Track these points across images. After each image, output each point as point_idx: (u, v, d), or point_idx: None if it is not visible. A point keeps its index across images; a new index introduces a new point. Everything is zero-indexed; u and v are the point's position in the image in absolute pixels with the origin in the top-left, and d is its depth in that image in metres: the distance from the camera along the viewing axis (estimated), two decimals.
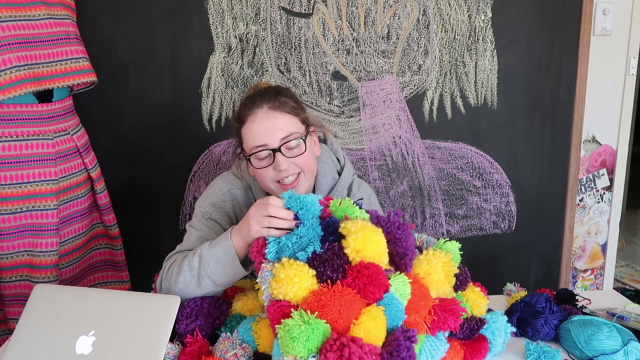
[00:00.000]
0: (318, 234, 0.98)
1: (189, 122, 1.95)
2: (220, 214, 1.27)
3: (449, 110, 2.05)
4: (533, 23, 2.02)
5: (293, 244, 0.97)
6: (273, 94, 1.22)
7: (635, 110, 2.34)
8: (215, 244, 1.09)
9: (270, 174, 1.20)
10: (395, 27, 1.97)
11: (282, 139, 1.18)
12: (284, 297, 0.92)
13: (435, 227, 2.13)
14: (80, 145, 1.72)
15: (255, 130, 1.19)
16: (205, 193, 1.30)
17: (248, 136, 1.20)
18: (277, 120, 1.19)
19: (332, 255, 0.94)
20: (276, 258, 0.97)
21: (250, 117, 1.20)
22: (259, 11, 1.91)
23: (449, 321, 1.01)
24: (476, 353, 1.07)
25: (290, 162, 1.19)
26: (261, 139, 1.18)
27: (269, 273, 0.95)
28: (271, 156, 1.19)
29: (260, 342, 1.01)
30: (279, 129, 1.18)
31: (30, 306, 1.06)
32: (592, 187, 2.24)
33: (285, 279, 0.92)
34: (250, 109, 1.20)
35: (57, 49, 1.59)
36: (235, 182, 1.30)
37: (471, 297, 1.16)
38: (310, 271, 0.93)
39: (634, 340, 1.09)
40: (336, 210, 1.03)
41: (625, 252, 3.01)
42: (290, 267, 0.93)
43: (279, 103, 1.20)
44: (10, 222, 1.60)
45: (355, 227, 0.96)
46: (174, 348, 1.02)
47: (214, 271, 1.08)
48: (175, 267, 1.14)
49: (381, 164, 2.07)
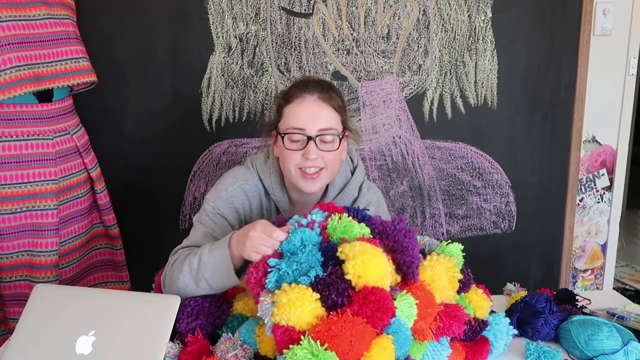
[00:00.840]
0: (318, 260, 0.96)
1: (189, 122, 1.95)
2: (229, 210, 1.27)
3: (449, 110, 2.05)
4: (533, 23, 2.02)
5: (293, 270, 0.94)
6: (326, 87, 1.25)
7: (635, 110, 2.34)
8: (215, 248, 1.09)
9: (296, 159, 1.21)
10: (395, 27, 1.97)
11: (320, 130, 1.20)
12: (287, 323, 0.89)
13: (435, 227, 2.13)
14: (80, 145, 1.72)
15: (300, 112, 1.21)
16: (215, 188, 1.30)
17: (290, 116, 1.22)
18: (322, 111, 1.21)
19: (336, 279, 0.92)
20: (276, 287, 0.94)
21: (299, 99, 1.22)
22: (259, 11, 1.91)
23: (453, 327, 1.01)
24: (477, 355, 1.07)
25: (320, 154, 1.21)
26: (302, 123, 1.20)
27: (270, 305, 0.92)
28: (304, 142, 1.20)
29: (261, 345, 1.00)
30: (321, 119, 1.21)
31: (30, 306, 1.06)
32: (592, 187, 2.24)
33: (287, 304, 0.89)
34: (301, 91, 1.22)
35: (57, 49, 1.59)
36: (246, 177, 1.30)
37: (474, 299, 1.15)
38: (313, 294, 0.91)
39: (634, 340, 1.09)
40: (334, 232, 1.01)
41: (625, 252, 3.01)
42: (292, 291, 0.90)
43: (329, 96, 1.23)
44: (10, 222, 1.60)
45: (353, 252, 0.93)
46: (175, 347, 1.03)
47: (210, 276, 1.09)
48: (177, 264, 1.14)
49: (381, 164, 2.07)
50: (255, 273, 0.97)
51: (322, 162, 1.22)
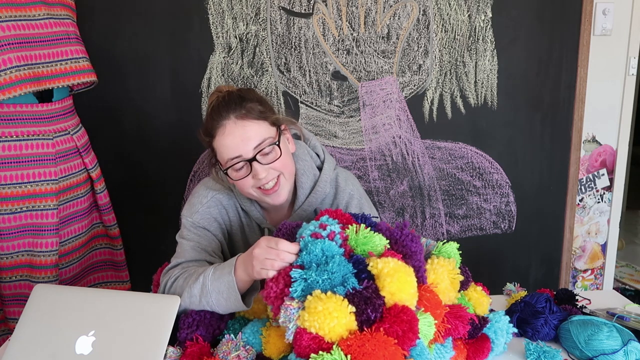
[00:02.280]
0: (350, 271, 0.94)
1: (189, 122, 1.95)
2: (208, 221, 1.25)
3: (449, 110, 2.05)
4: (533, 23, 2.02)
5: (324, 280, 0.91)
6: (237, 101, 1.17)
7: (635, 110, 2.34)
8: (219, 276, 1.06)
9: (250, 182, 1.18)
10: (395, 27, 1.97)
11: (256, 148, 1.15)
12: (317, 331, 0.86)
13: (435, 227, 2.13)
14: (80, 145, 1.72)
15: (227, 143, 1.15)
16: (189, 203, 1.27)
17: (221, 149, 1.17)
18: (247, 130, 1.15)
19: (372, 294, 0.90)
20: (302, 296, 0.92)
21: (219, 130, 1.16)
22: (259, 11, 1.91)
23: (459, 328, 1.02)
24: (479, 352, 1.07)
25: (267, 168, 1.17)
26: (234, 151, 1.15)
27: (295, 310, 0.90)
28: (248, 165, 1.16)
29: (266, 346, 1.00)
30: (251, 138, 1.15)
31: (30, 306, 1.06)
32: (592, 187, 2.24)
33: (322, 312, 0.86)
34: (217, 121, 1.16)
35: (57, 49, 1.59)
36: (217, 187, 1.28)
37: (473, 297, 1.16)
38: (349, 307, 0.88)
39: (634, 340, 1.09)
40: (357, 245, 0.99)
41: (625, 252, 3.01)
42: (329, 300, 0.88)
43: (245, 111, 1.16)
44: (10, 222, 1.60)
45: (388, 268, 0.92)
46: (175, 352, 1.02)
47: (215, 302, 1.06)
48: (177, 288, 1.11)
49: (381, 164, 2.07)
50: (276, 287, 0.95)
51: (275, 172, 1.18)
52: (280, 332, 1.00)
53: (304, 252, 0.97)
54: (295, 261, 0.97)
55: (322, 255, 0.96)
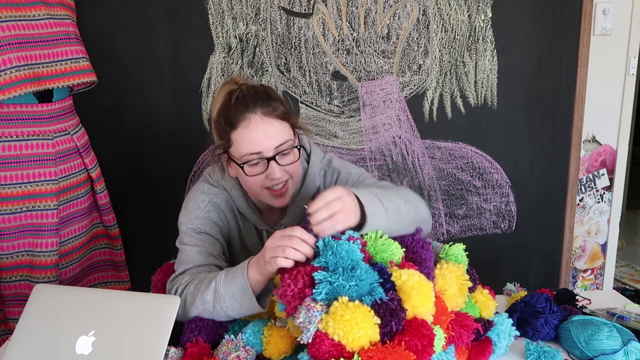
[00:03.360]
0: (376, 280, 0.92)
1: (189, 122, 1.95)
2: (209, 226, 1.23)
3: (449, 110, 2.05)
4: (533, 23, 2.02)
5: (351, 286, 0.89)
6: (265, 98, 1.16)
7: (635, 110, 2.34)
8: (232, 279, 1.04)
9: (261, 180, 1.17)
10: (395, 27, 1.97)
11: (277, 147, 1.14)
12: (340, 339, 0.85)
13: (435, 227, 2.13)
14: (80, 145, 1.72)
15: (250, 137, 1.13)
16: (187, 208, 1.25)
17: (241, 142, 1.14)
18: (272, 128, 1.14)
19: (397, 307, 0.90)
20: (326, 299, 0.89)
21: (244, 122, 1.13)
22: (259, 11, 1.91)
23: (463, 337, 1.02)
24: (480, 355, 1.07)
25: (282, 169, 1.16)
26: (256, 146, 1.13)
27: (319, 313, 0.87)
28: (264, 163, 1.15)
29: (268, 347, 1.00)
30: (274, 136, 1.14)
31: (30, 306, 1.06)
32: (592, 187, 2.24)
33: (349, 321, 0.85)
34: (242, 113, 1.14)
35: (57, 49, 1.59)
36: (213, 191, 1.26)
37: (480, 299, 1.16)
38: (375, 319, 0.87)
39: (634, 340, 1.09)
40: (376, 252, 0.98)
41: (625, 252, 3.01)
42: (357, 310, 0.86)
43: (272, 108, 1.15)
44: (10, 222, 1.60)
45: (413, 281, 0.92)
46: (177, 352, 1.02)
47: (230, 307, 1.04)
48: (187, 295, 1.08)
49: (381, 164, 2.07)
50: (294, 285, 0.92)
51: (287, 175, 1.18)
52: (283, 333, 1.00)
53: (329, 252, 0.94)
54: (318, 261, 0.94)
55: (347, 258, 0.93)
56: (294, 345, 1.00)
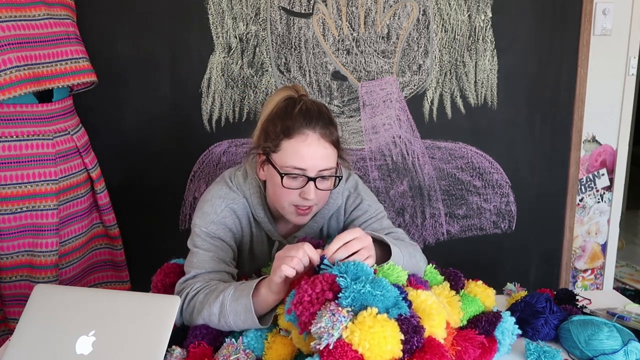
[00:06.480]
0: (399, 296, 0.91)
1: (189, 122, 1.95)
2: (224, 231, 1.23)
3: (449, 110, 2.05)
4: (533, 23, 2.02)
5: (377, 295, 0.88)
6: (327, 121, 1.17)
7: (635, 110, 2.34)
8: (238, 297, 1.05)
9: (292, 196, 1.17)
10: (395, 27, 1.97)
11: (320, 170, 1.16)
12: (364, 351, 0.83)
13: (435, 227, 2.13)
14: (80, 145, 1.72)
15: (303, 152, 1.14)
16: (203, 211, 1.24)
17: (291, 153, 1.15)
18: (324, 150, 1.16)
19: (419, 324, 0.90)
20: (351, 306, 0.88)
21: (301, 136, 1.14)
22: (259, 11, 1.91)
23: (469, 351, 1.02)
24: (485, 353, 1.07)
25: (317, 193, 1.17)
26: (304, 163, 1.14)
27: (344, 319, 0.85)
28: (303, 180, 1.15)
29: (268, 352, 1.00)
30: (323, 159, 1.16)
31: (30, 306, 1.06)
32: (592, 187, 2.24)
33: (377, 334, 0.83)
34: (302, 126, 1.14)
35: (57, 49, 1.59)
36: (233, 197, 1.25)
37: (477, 291, 1.17)
38: (400, 334, 0.86)
39: (634, 340, 1.09)
40: (385, 276, 0.98)
41: (625, 252, 3.01)
42: (386, 324, 0.85)
43: (329, 132, 1.17)
44: (10, 222, 1.60)
45: (431, 301, 0.95)
46: (182, 353, 1.03)
47: (233, 323, 1.06)
48: (196, 303, 1.10)
49: (381, 164, 2.07)
50: (311, 290, 0.90)
51: (317, 199, 1.18)
52: (286, 341, 1.00)
53: (351, 264, 0.94)
54: (336, 269, 0.94)
55: (368, 270, 0.94)
56: (294, 354, 1.00)
